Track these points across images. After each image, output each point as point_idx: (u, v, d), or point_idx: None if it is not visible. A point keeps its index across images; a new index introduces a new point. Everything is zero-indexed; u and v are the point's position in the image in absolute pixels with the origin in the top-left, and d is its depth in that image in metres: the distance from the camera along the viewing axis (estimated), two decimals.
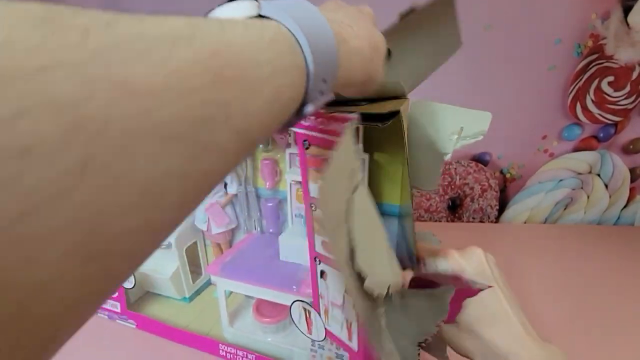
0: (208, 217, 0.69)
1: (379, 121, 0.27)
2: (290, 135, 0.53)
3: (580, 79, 1.33)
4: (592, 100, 1.27)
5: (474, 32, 1.31)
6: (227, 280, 0.56)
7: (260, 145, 0.67)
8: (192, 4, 1.20)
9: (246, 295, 0.60)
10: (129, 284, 0.54)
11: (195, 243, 0.61)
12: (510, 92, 1.44)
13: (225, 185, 0.67)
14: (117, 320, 0.56)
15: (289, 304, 0.49)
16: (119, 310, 0.55)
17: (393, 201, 0.33)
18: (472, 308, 0.26)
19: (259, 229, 0.75)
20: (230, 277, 0.57)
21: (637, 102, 1.22)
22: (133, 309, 0.56)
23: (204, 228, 0.70)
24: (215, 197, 0.70)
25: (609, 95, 1.28)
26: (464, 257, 0.29)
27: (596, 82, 1.31)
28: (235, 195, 0.71)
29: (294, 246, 0.59)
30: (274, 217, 0.74)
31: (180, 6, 1.29)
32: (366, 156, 0.32)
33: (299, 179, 0.53)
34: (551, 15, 1.35)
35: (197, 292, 0.62)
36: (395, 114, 0.27)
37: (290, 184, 0.61)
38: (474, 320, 0.26)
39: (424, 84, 1.35)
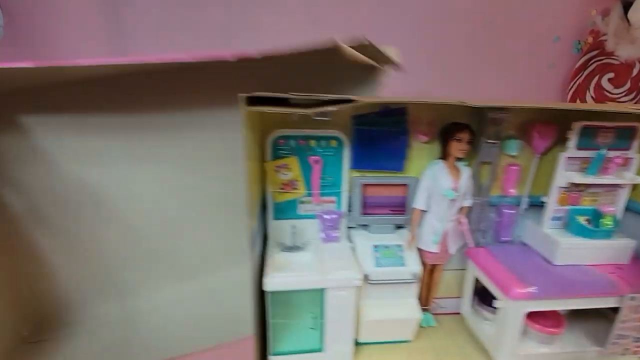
0: (447, 236, 0.74)
1: None
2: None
3: (580, 76, 1.33)
4: (592, 97, 1.26)
5: (473, 29, 1.31)
6: (538, 301, 0.65)
7: (513, 151, 0.73)
8: (190, 11, 1.18)
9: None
10: None
11: None
12: (509, 89, 1.44)
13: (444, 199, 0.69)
14: None
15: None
16: None
17: None
18: None
19: (482, 240, 0.79)
20: (544, 296, 0.65)
21: (637, 98, 1.21)
22: None
23: (435, 250, 0.75)
24: (453, 215, 0.73)
25: (609, 92, 1.28)
26: None
27: (596, 79, 1.30)
28: (470, 207, 0.76)
29: (572, 248, 0.69)
30: (510, 225, 0.78)
31: (181, 16, 1.28)
32: None
33: (579, 181, 0.67)
34: (550, 12, 1.35)
35: None
36: None
37: (558, 188, 0.70)
38: None
39: (424, 81, 1.37)
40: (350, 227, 0.79)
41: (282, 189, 0.73)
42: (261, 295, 0.64)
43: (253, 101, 0.51)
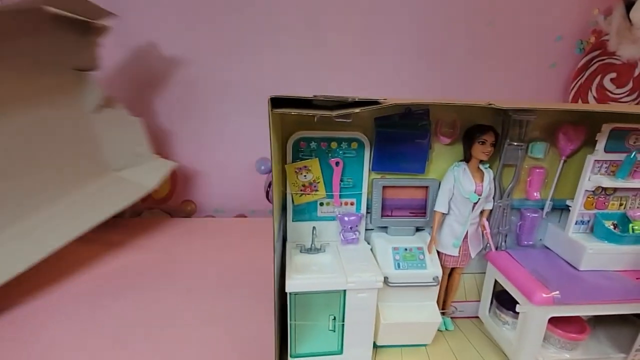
0: (468, 239, 0.74)
1: None
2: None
3: (582, 76, 1.29)
4: (595, 98, 1.24)
5: (475, 28, 1.29)
6: (561, 306, 0.64)
7: (539, 154, 0.71)
8: (191, 14, 1.17)
9: None
10: None
11: None
12: (511, 89, 1.42)
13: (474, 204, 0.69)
14: None
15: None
16: None
17: None
18: None
19: (503, 244, 0.79)
20: (567, 301, 0.64)
21: (639, 99, 1.18)
22: None
23: (455, 253, 0.75)
24: (475, 218, 0.73)
25: (611, 92, 1.26)
26: None
27: (598, 79, 1.28)
28: (491, 211, 0.75)
29: (598, 253, 0.68)
30: (532, 229, 0.78)
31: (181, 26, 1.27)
32: None
33: (607, 185, 0.67)
34: (552, 12, 1.31)
35: None
36: None
37: (584, 192, 0.69)
38: None
39: (424, 80, 1.37)
40: (368, 230, 0.79)
41: (302, 191, 0.73)
42: (281, 297, 0.64)
43: (276, 103, 0.51)
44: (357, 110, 0.51)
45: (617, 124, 0.67)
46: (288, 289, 0.62)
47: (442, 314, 0.85)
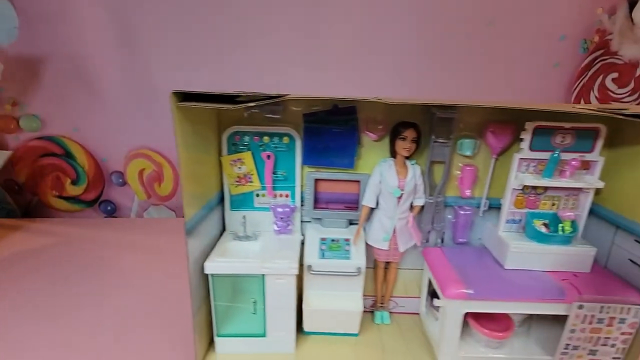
0: (397, 235, 0.76)
1: None
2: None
3: (585, 76, 1.26)
4: (597, 97, 1.21)
5: (477, 28, 1.29)
6: (475, 302, 0.65)
7: (468, 152, 0.74)
8: (193, 15, 1.25)
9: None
10: None
11: None
12: (513, 89, 1.39)
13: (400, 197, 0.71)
14: None
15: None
16: None
17: None
18: None
19: (439, 241, 0.82)
20: (483, 297, 0.65)
21: None
22: None
23: (385, 247, 0.77)
24: (403, 213, 0.75)
25: (613, 92, 1.22)
26: None
27: (600, 78, 1.25)
28: (422, 207, 0.78)
29: (524, 253, 0.68)
30: (466, 227, 0.80)
31: (187, 18, 1.34)
32: None
33: (531, 184, 0.67)
34: (556, 11, 1.29)
35: None
36: None
37: (512, 190, 0.70)
38: None
39: (424, 79, 1.39)
40: (307, 221, 0.82)
41: (237, 182, 0.78)
42: (206, 279, 0.69)
43: (189, 97, 0.56)
44: (252, 104, 0.55)
45: (540, 122, 0.67)
46: (206, 270, 0.67)
47: (381, 308, 0.86)
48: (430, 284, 0.80)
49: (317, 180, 0.78)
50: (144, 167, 1.45)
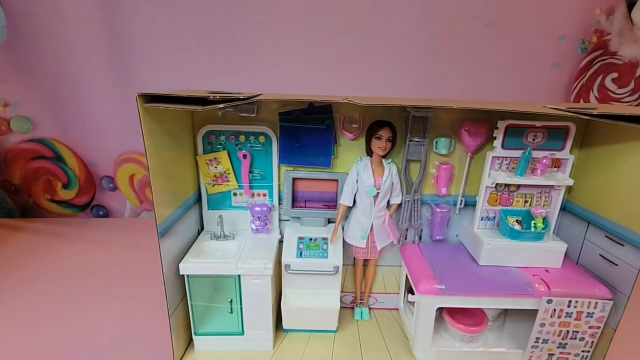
0: (374, 233, 0.76)
1: None
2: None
3: (584, 76, 1.28)
4: (596, 98, 1.23)
5: (475, 28, 1.28)
6: (447, 297, 0.66)
7: (443, 150, 0.74)
8: (185, 15, 1.23)
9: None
10: None
11: None
12: (512, 89, 1.40)
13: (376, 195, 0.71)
14: None
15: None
16: None
17: None
18: None
19: (417, 238, 0.82)
20: (454, 292, 0.66)
21: None
22: None
23: (362, 245, 0.78)
24: (379, 212, 0.75)
25: (612, 92, 1.24)
26: None
27: (600, 78, 1.27)
28: (399, 205, 0.78)
29: (497, 249, 0.69)
30: (443, 224, 0.81)
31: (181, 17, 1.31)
32: None
33: (503, 181, 0.67)
34: (554, 11, 1.29)
35: None
36: None
37: (486, 188, 0.71)
38: None
39: (424, 79, 1.37)
40: (285, 220, 0.83)
41: (214, 181, 0.77)
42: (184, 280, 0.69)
43: (156, 99, 0.55)
44: (220, 105, 0.55)
45: (512, 121, 0.68)
46: (182, 271, 0.67)
47: (360, 304, 0.87)
48: (407, 280, 0.81)
49: (295, 179, 0.78)
50: (134, 172, 1.43)
